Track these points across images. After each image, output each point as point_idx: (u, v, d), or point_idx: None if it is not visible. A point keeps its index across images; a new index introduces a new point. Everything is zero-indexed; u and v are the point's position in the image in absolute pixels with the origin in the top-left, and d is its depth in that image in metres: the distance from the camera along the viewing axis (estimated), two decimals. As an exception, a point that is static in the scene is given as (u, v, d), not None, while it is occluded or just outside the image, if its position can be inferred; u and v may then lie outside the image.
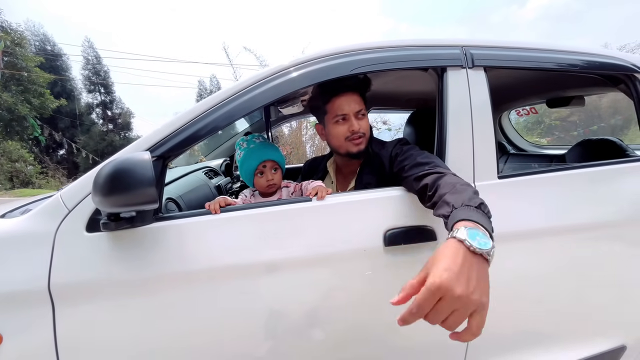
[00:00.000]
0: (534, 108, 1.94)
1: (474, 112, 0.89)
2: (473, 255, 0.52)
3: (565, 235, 0.91)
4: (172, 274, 0.75)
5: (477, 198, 0.66)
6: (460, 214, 0.60)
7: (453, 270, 0.50)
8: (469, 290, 0.49)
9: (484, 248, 0.52)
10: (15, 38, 12.88)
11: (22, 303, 0.71)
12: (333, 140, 1.03)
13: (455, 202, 0.64)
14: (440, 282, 0.48)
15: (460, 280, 0.49)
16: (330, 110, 1.00)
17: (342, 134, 0.99)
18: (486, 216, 0.62)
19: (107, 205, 0.65)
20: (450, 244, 0.54)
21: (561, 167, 0.96)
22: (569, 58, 0.99)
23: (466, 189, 0.69)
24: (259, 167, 1.00)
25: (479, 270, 0.52)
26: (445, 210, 0.65)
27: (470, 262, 0.52)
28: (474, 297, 0.49)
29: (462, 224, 0.57)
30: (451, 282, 0.48)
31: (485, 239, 0.54)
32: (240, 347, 0.81)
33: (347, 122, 0.98)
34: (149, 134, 0.80)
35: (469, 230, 0.54)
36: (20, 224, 0.75)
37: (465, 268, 0.51)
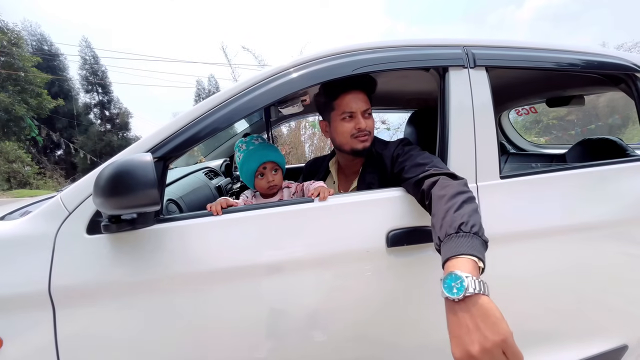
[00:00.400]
0: (533, 107, 1.95)
1: (476, 112, 0.89)
2: (461, 302, 0.52)
3: (567, 235, 0.91)
4: (173, 276, 0.75)
5: (458, 216, 0.63)
6: (446, 251, 0.60)
7: (457, 334, 0.51)
8: (480, 341, 0.49)
9: (461, 292, 0.51)
10: (12, 38, 12.81)
11: (23, 306, 0.70)
12: (338, 136, 1.02)
13: (441, 232, 0.64)
14: (460, 353, 0.50)
15: (471, 338, 0.49)
16: (337, 106, 1.00)
17: (348, 131, 0.99)
18: (469, 235, 0.60)
19: (108, 207, 0.64)
20: (446, 307, 0.55)
21: (563, 167, 0.96)
22: (570, 57, 0.99)
23: (452, 204, 0.66)
24: (259, 168, 0.99)
25: (474, 313, 0.51)
26: (436, 242, 0.65)
27: (464, 312, 0.52)
28: (488, 345, 0.48)
29: (446, 269, 0.57)
30: (466, 348, 0.49)
31: (460, 279, 0.52)
32: (243, 348, 0.80)
33: (354, 120, 0.98)
34: (150, 135, 0.79)
35: (444, 282, 0.54)
36: (20, 226, 0.74)
37: (464, 323, 0.51)
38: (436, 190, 0.73)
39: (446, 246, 0.60)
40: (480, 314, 0.50)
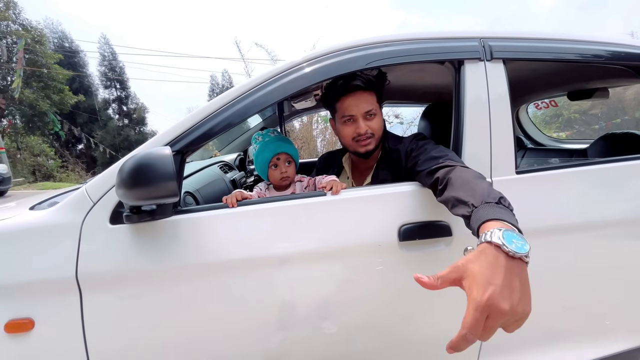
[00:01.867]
0: (553, 101, 1.88)
1: (492, 105, 0.87)
2: (512, 260, 0.49)
3: (586, 232, 0.89)
4: (190, 266, 0.78)
5: (494, 191, 0.63)
6: (485, 213, 0.57)
7: (496, 283, 0.47)
8: (514, 303, 0.47)
9: (522, 251, 0.49)
10: (36, 36, 13.27)
11: (52, 290, 0.75)
12: (342, 139, 1.04)
13: (474, 200, 0.62)
14: (487, 301, 0.46)
15: (504, 294, 0.47)
16: (338, 109, 1.00)
17: (349, 135, 0.98)
18: (510, 211, 0.59)
19: (130, 198, 0.67)
20: (486, 250, 0.50)
21: (583, 162, 0.93)
22: (593, 49, 0.96)
23: (480, 182, 0.67)
24: (273, 159, 1.02)
25: (521, 277, 0.49)
26: (464, 209, 0.63)
27: (511, 270, 0.49)
28: (519, 310, 0.47)
29: (492, 225, 0.54)
30: (497, 299, 0.46)
31: (522, 240, 0.51)
32: (254, 337, 0.83)
33: (354, 124, 0.97)
34: (168, 129, 0.82)
35: (504, 232, 0.51)
36: (49, 215, 0.78)
37: (508, 278, 0.48)
38: (456, 172, 0.72)
39: (485, 210, 0.58)
40: (522, 282, 0.49)
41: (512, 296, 0.47)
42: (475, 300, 0.47)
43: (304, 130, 7.22)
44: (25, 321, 0.74)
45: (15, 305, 0.74)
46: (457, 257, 0.83)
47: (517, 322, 0.48)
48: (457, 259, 0.83)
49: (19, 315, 0.74)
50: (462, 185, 0.68)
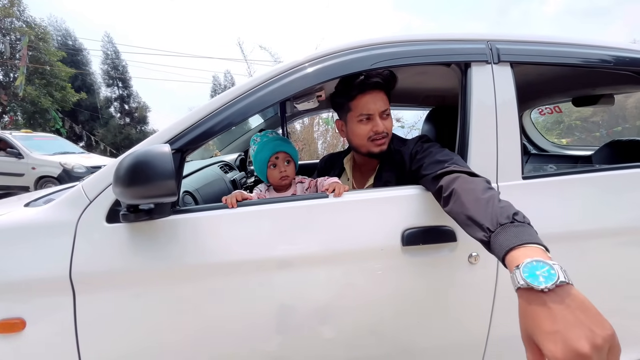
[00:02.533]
0: (558, 106, 1.87)
1: (499, 109, 0.86)
2: (552, 294, 0.44)
3: (593, 240, 0.87)
4: (188, 267, 0.76)
5: (506, 207, 0.60)
6: (503, 241, 0.54)
7: (556, 329, 0.42)
8: (589, 335, 0.41)
9: (552, 280, 0.44)
10: (39, 33, 13.30)
11: (45, 290, 0.73)
12: (355, 139, 0.99)
13: (489, 222, 0.58)
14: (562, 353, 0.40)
15: (572, 335, 0.41)
16: (354, 108, 0.96)
17: (365, 133, 0.96)
18: (526, 225, 0.56)
19: (127, 196, 0.65)
20: (522, 297, 0.47)
21: (590, 169, 0.92)
22: (601, 54, 0.94)
23: (489, 197, 0.63)
24: (272, 158, 1.00)
25: (574, 303, 0.43)
26: (480, 233, 0.60)
27: (558, 304, 0.43)
28: (599, 339, 0.41)
29: (513, 260, 0.50)
30: (569, 345, 0.40)
31: (546, 266, 0.46)
32: (253, 340, 0.81)
33: (371, 122, 0.95)
34: (168, 127, 0.80)
35: (523, 268, 0.47)
36: (44, 213, 0.76)
37: (562, 315, 0.43)
38: (461, 184, 0.69)
39: (503, 235, 0.55)
40: (579, 306, 0.43)
41: (581, 331, 0.41)
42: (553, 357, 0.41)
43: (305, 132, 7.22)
44: (16, 321, 0.72)
45: (6, 304, 0.72)
46: (461, 263, 0.82)
47: (612, 349, 0.41)
48: (461, 265, 0.82)
49: (9, 315, 0.72)
50: (471, 201, 0.64)
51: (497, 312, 0.85)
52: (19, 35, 12.56)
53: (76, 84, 16.41)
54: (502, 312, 0.85)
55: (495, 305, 0.84)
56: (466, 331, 0.87)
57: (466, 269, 0.82)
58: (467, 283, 0.83)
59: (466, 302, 0.85)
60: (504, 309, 0.85)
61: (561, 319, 0.43)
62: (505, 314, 0.85)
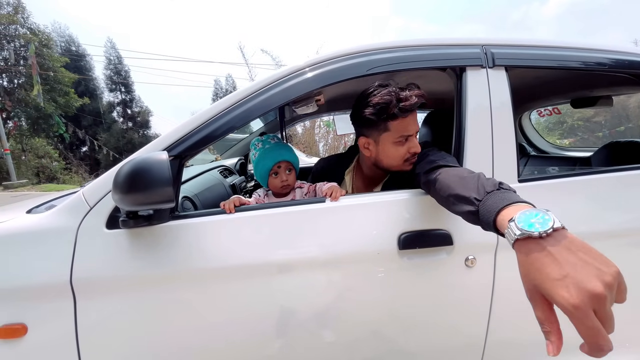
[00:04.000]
0: (556, 108, 1.87)
1: (494, 113, 0.86)
2: (550, 238, 0.43)
3: (590, 242, 0.87)
4: (187, 272, 0.77)
5: (491, 180, 0.61)
6: (492, 204, 0.54)
7: (564, 273, 0.40)
8: (598, 274, 0.39)
9: (548, 225, 0.43)
10: (43, 39, 13.45)
11: (46, 295, 0.74)
12: (386, 159, 0.93)
13: (476, 193, 0.59)
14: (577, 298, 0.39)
15: (582, 275, 0.39)
16: (393, 128, 0.88)
17: (401, 155, 0.90)
18: (513, 192, 0.56)
19: (125, 203, 0.67)
20: (521, 250, 0.45)
21: (587, 171, 0.92)
22: (596, 56, 0.95)
23: (475, 175, 0.65)
24: (274, 167, 1.00)
25: (573, 245, 0.42)
26: (468, 206, 0.60)
27: (560, 248, 0.42)
28: (608, 276, 0.39)
29: (505, 217, 0.50)
30: (582, 287, 0.39)
31: (540, 213, 0.45)
32: (253, 344, 0.81)
33: (409, 143, 0.90)
34: (167, 133, 0.81)
35: (517, 219, 0.46)
36: (45, 219, 0.78)
37: (566, 258, 0.41)
38: (446, 171, 0.71)
39: (491, 200, 0.55)
40: (580, 248, 0.42)
41: (590, 270, 0.40)
42: (568, 309, 0.39)
43: (306, 135, 7.24)
44: (18, 326, 0.73)
45: (9, 310, 0.73)
46: (458, 266, 0.83)
47: (620, 287, 0.40)
48: (458, 268, 0.83)
49: (12, 320, 0.73)
50: (456, 180, 0.66)
51: (495, 316, 0.85)
52: (23, 42, 12.72)
53: (79, 89, 16.56)
54: (500, 316, 0.85)
55: (492, 308, 0.84)
56: (464, 335, 0.87)
57: (463, 273, 0.83)
58: (464, 286, 0.84)
59: (463, 305, 0.85)
60: (502, 313, 0.85)
61: (566, 262, 0.41)
62: (502, 318, 0.85)
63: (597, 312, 0.39)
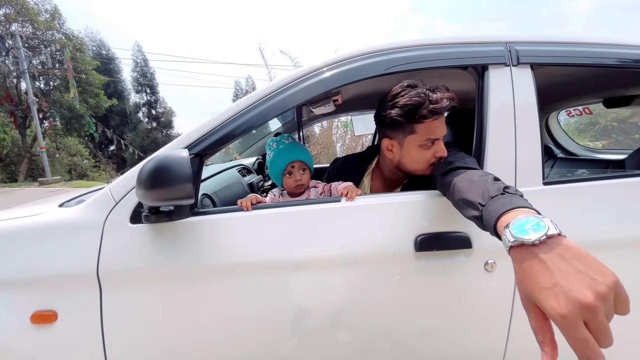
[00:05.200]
0: (587, 108, 1.77)
1: (518, 112, 0.83)
2: (544, 246, 0.42)
3: (620, 250, 0.82)
4: (206, 266, 0.79)
5: (498, 183, 0.60)
6: (494, 210, 0.53)
7: (554, 282, 0.39)
8: (591, 284, 0.37)
9: (542, 231, 0.42)
10: (76, 44, 14.24)
11: (75, 285, 0.78)
12: (412, 163, 0.91)
13: (481, 198, 0.58)
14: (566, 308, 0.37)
15: (573, 285, 0.38)
16: (421, 132, 0.86)
17: (427, 159, 0.88)
18: (517, 196, 0.55)
19: (148, 198, 0.69)
20: (516, 258, 0.45)
21: (619, 174, 0.87)
22: (630, 53, 0.89)
23: (484, 179, 0.63)
24: (288, 167, 1.01)
25: (568, 253, 0.40)
26: (474, 211, 0.59)
27: (553, 255, 0.41)
28: (602, 287, 0.37)
29: (503, 223, 0.49)
30: (572, 297, 0.37)
31: (534, 219, 0.44)
32: (266, 341, 0.82)
33: (435, 147, 0.88)
34: (188, 132, 0.84)
35: (512, 226, 0.45)
36: (75, 213, 0.82)
37: (558, 266, 0.40)
38: (460, 173, 0.70)
39: (493, 205, 0.54)
40: (574, 255, 0.40)
41: (582, 279, 0.38)
42: (556, 319, 0.38)
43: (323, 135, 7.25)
44: (49, 313, 0.78)
45: (41, 297, 0.78)
46: (477, 270, 0.80)
47: (619, 297, 0.38)
48: (477, 272, 0.80)
49: (44, 307, 0.78)
50: (466, 185, 0.65)
51: (516, 323, 0.82)
52: (59, 46, 13.51)
53: (108, 91, 17.39)
54: (522, 323, 0.81)
55: (513, 315, 0.81)
56: (483, 341, 0.85)
57: (483, 277, 0.80)
58: (483, 291, 0.81)
59: (482, 311, 0.83)
60: (524, 320, 0.81)
61: (558, 270, 0.40)
62: (525, 325, 0.81)
63: (588, 323, 0.37)
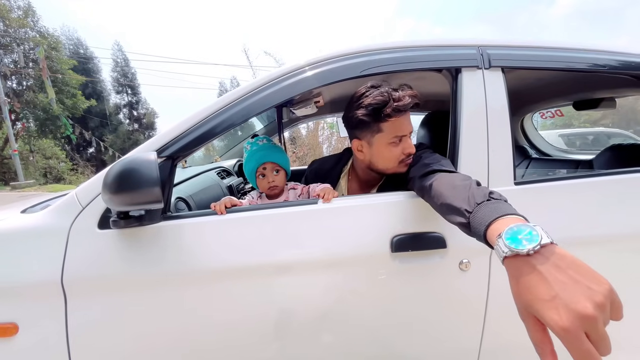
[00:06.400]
0: (559, 110, 1.85)
1: (490, 114, 0.85)
2: (539, 256, 0.42)
3: (588, 247, 0.85)
4: (177, 272, 0.76)
5: (483, 188, 0.61)
6: (482, 217, 0.53)
7: (553, 294, 0.39)
8: (588, 293, 0.37)
9: (535, 241, 0.42)
10: (52, 42, 13.70)
11: (37, 295, 0.74)
12: (381, 161, 0.92)
13: (467, 205, 0.58)
14: (567, 320, 0.37)
15: (571, 296, 0.38)
16: (387, 129, 0.88)
17: (396, 156, 0.89)
18: (503, 202, 0.55)
19: (114, 203, 0.67)
20: (510, 269, 0.44)
21: (586, 174, 0.90)
22: (596, 57, 0.93)
23: (466, 183, 0.64)
24: (259, 169, 1.00)
25: (563, 262, 0.41)
26: (459, 218, 0.59)
27: (549, 265, 0.41)
28: (599, 295, 0.37)
29: (494, 233, 0.49)
30: (571, 308, 0.37)
31: (527, 228, 0.44)
32: (242, 347, 0.81)
33: (403, 144, 0.89)
34: (159, 135, 0.82)
35: (505, 236, 0.45)
36: (38, 219, 0.78)
37: (555, 276, 0.40)
38: (440, 177, 0.70)
39: (481, 213, 0.54)
40: (569, 264, 0.40)
41: (579, 290, 0.38)
42: (558, 332, 0.37)
43: (310, 137, 7.24)
44: (10, 326, 0.73)
45: (1, 308, 0.74)
46: (452, 270, 0.81)
47: (614, 304, 0.39)
48: (452, 271, 0.81)
49: (4, 319, 0.73)
50: (449, 189, 0.65)
51: (490, 320, 0.83)
52: (32, 44, 12.96)
53: (87, 92, 16.80)
54: (495, 320, 0.83)
55: (487, 313, 0.83)
56: (458, 339, 0.86)
57: (457, 276, 0.81)
58: (458, 290, 0.82)
59: (457, 309, 0.84)
60: (497, 317, 0.83)
61: (555, 281, 0.39)
62: (497, 322, 0.84)
63: (589, 334, 0.37)
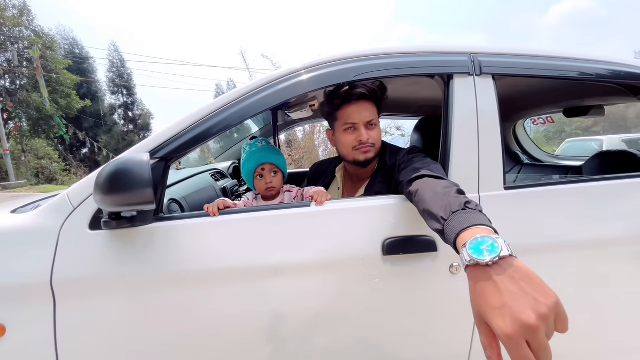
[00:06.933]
0: (550, 117, 1.88)
1: (481, 120, 0.87)
2: (496, 267, 0.44)
3: (577, 252, 0.87)
4: (169, 274, 0.76)
5: (459, 197, 0.62)
6: (454, 226, 0.55)
7: (502, 303, 0.41)
8: (534, 306, 0.40)
9: (495, 253, 0.45)
10: (47, 42, 13.59)
11: (26, 296, 0.73)
12: (341, 148, 1.02)
13: (443, 212, 0.60)
14: (510, 328, 0.39)
15: (517, 306, 0.40)
16: (340, 117, 0.99)
17: (350, 143, 0.98)
18: (477, 212, 0.57)
19: (106, 204, 0.66)
20: (470, 276, 0.47)
21: (575, 179, 0.92)
22: (584, 66, 0.95)
23: (446, 191, 0.65)
24: (258, 169, 1.02)
25: (517, 274, 0.43)
26: (436, 224, 0.61)
27: (503, 276, 0.43)
28: (544, 308, 0.40)
29: (461, 240, 0.51)
30: (516, 318, 0.39)
31: (490, 240, 0.47)
32: (233, 349, 0.80)
33: (356, 132, 0.97)
34: (153, 136, 0.81)
35: (469, 246, 0.48)
36: (27, 219, 0.77)
37: (506, 287, 0.42)
38: (425, 182, 0.72)
39: (454, 221, 0.56)
40: (522, 276, 0.43)
41: (526, 301, 0.40)
42: (502, 338, 0.40)
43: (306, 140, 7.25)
44: (-4, 327, 0.72)
45: (-12, 310, 0.72)
46: (443, 273, 0.82)
47: (559, 317, 0.41)
48: (443, 275, 0.82)
49: (-10, 320, 0.72)
50: (430, 195, 0.67)
51: (480, 324, 0.84)
52: (27, 44, 12.84)
53: (81, 92, 16.66)
54: (485, 324, 0.84)
55: (477, 316, 0.83)
56: (449, 342, 0.86)
57: (448, 280, 0.82)
58: (449, 293, 0.83)
59: (448, 313, 0.84)
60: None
61: (506, 291, 0.42)
62: (488, 326, 0.84)
63: (530, 342, 0.39)
